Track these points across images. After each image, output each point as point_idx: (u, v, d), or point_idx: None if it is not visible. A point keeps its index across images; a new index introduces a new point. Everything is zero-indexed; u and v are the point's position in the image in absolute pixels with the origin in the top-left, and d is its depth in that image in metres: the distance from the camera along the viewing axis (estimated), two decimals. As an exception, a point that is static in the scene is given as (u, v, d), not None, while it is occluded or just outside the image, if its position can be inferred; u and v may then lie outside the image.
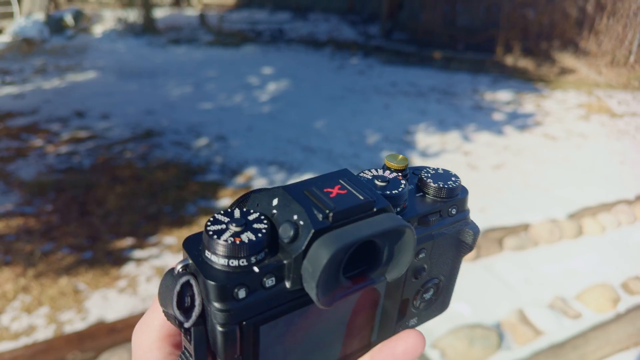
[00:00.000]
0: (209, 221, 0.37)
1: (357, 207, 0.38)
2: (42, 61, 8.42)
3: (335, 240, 0.35)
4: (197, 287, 0.36)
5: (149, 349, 0.44)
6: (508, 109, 6.41)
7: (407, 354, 0.48)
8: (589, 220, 3.67)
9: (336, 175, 0.42)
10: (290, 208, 0.38)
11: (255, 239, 0.36)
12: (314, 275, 0.35)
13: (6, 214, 3.58)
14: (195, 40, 10.47)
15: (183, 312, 0.36)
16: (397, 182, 0.45)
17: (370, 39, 10.67)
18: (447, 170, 0.51)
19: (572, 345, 2.55)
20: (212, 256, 0.36)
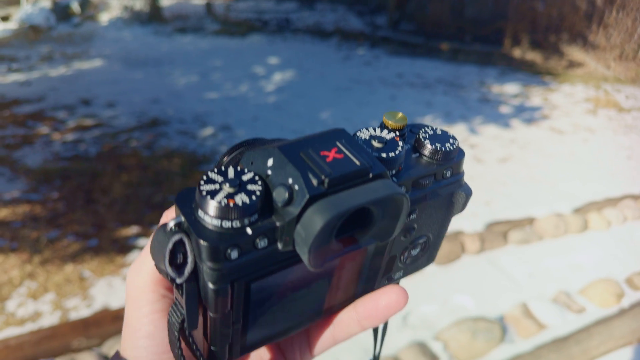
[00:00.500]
0: (202, 180, 0.37)
1: (353, 173, 0.38)
2: (49, 48, 8.42)
3: (330, 208, 0.35)
4: (190, 245, 0.36)
5: (142, 291, 0.44)
6: (515, 102, 6.37)
7: (390, 308, 0.49)
8: (594, 215, 3.66)
9: (333, 136, 0.41)
10: (285, 170, 0.38)
11: (249, 202, 0.36)
12: (306, 240, 0.36)
13: (12, 200, 3.59)
14: (201, 29, 10.44)
15: (175, 268, 0.36)
16: (394, 144, 0.44)
17: (377, 30, 10.61)
18: (445, 132, 0.50)
19: (575, 340, 2.56)
20: (205, 216, 0.36)
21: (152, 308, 0.44)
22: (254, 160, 0.40)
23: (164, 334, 0.44)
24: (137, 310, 0.45)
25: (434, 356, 2.43)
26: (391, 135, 0.45)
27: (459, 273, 3.04)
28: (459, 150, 0.50)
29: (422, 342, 2.49)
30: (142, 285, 0.44)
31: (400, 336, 2.54)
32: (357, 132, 0.45)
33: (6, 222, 3.33)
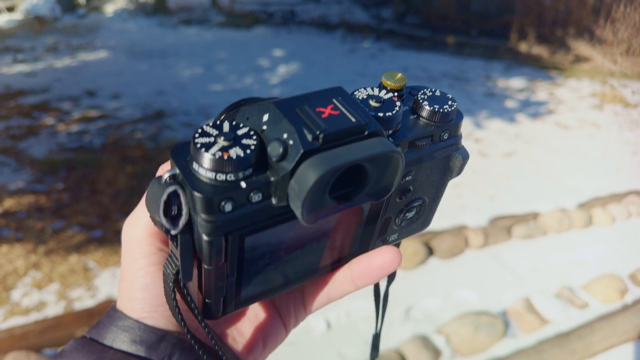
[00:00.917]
0: (197, 133, 0.37)
1: (348, 129, 0.38)
2: (54, 39, 8.42)
3: (324, 163, 0.35)
4: (184, 196, 0.36)
5: (138, 244, 0.45)
6: (521, 96, 6.35)
7: (383, 268, 0.50)
8: (599, 210, 3.65)
9: (330, 93, 0.41)
10: (280, 125, 0.37)
11: (244, 155, 0.36)
12: (300, 195, 0.36)
13: (18, 191, 3.61)
14: (206, 20, 10.42)
15: (170, 219, 0.37)
16: (392, 104, 0.44)
17: (382, 23, 10.56)
18: (444, 93, 0.50)
19: (578, 335, 2.56)
20: (200, 169, 0.36)
21: (148, 261, 0.44)
22: (250, 115, 0.40)
23: (159, 286, 0.44)
24: (132, 263, 0.45)
25: (436, 350, 2.43)
26: (389, 96, 0.45)
27: (463, 267, 3.04)
28: (458, 112, 0.49)
29: (424, 336, 2.50)
30: (137, 237, 0.45)
31: (403, 329, 2.54)
32: (355, 92, 0.45)
33: (11, 212, 3.35)
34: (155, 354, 0.44)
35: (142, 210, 0.45)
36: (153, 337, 0.44)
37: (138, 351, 0.44)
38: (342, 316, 2.61)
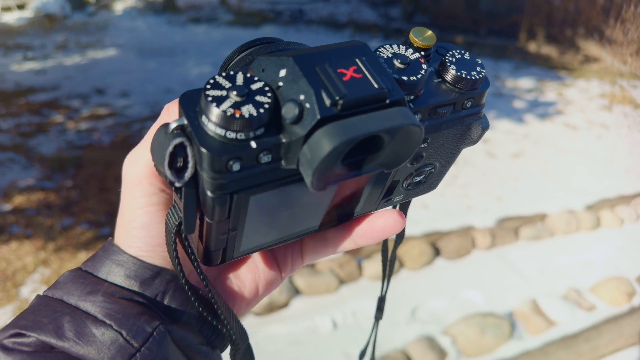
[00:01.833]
0: (209, 84, 0.35)
1: (369, 97, 0.36)
2: (64, 37, 8.48)
3: (340, 133, 0.34)
4: (191, 149, 0.35)
5: (138, 182, 0.44)
6: (529, 96, 6.32)
7: (385, 230, 0.50)
8: (607, 212, 3.63)
9: (353, 51, 0.38)
10: (297, 85, 0.36)
11: (256, 114, 0.34)
12: (311, 162, 0.34)
13: (27, 188, 3.64)
14: (215, 19, 10.44)
15: (175, 171, 0.36)
16: (417, 67, 0.42)
17: (391, 22, 10.54)
18: (474, 57, 0.47)
19: (584, 337, 2.55)
20: (209, 123, 0.35)
21: (148, 200, 0.44)
22: (266, 68, 0.38)
23: (159, 226, 0.44)
24: (132, 201, 0.44)
25: (442, 351, 2.43)
26: (415, 56, 0.42)
27: (469, 268, 3.04)
28: (485, 79, 0.47)
29: (430, 337, 2.50)
30: (138, 176, 0.44)
31: (409, 330, 2.54)
32: (380, 48, 0.43)
33: (21, 209, 3.38)
34: (149, 290, 0.45)
35: (145, 148, 0.43)
36: (148, 273, 0.45)
37: (132, 286, 0.44)
38: (348, 316, 2.62)
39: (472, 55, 0.47)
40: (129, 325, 0.42)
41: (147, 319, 0.43)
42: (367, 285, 2.86)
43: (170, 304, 0.46)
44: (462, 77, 0.44)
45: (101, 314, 0.42)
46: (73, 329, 0.41)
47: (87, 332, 0.41)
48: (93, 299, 0.43)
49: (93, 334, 0.41)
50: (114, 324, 0.42)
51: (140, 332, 0.42)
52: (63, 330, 0.41)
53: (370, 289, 2.82)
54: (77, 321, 0.42)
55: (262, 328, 2.52)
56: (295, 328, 2.54)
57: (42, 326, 0.42)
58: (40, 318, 0.42)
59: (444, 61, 0.46)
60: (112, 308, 0.42)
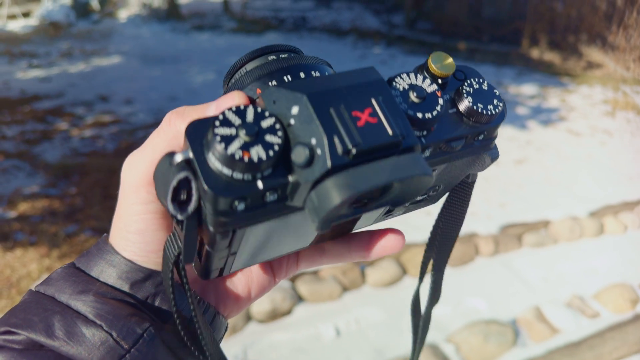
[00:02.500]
0: (219, 120, 0.34)
1: (383, 145, 0.35)
2: (68, 45, 8.53)
3: (350, 186, 0.33)
4: (195, 183, 0.35)
5: (136, 189, 0.43)
6: (532, 103, 6.32)
7: (385, 250, 0.49)
8: (610, 219, 3.62)
9: (370, 89, 0.37)
10: (310, 127, 0.35)
11: (265, 158, 0.34)
12: (319, 211, 0.34)
13: (32, 195, 3.66)
14: (218, 26, 10.50)
15: (177, 204, 0.35)
16: (433, 102, 0.40)
17: (393, 29, 10.57)
18: (492, 88, 0.45)
19: (588, 345, 2.54)
20: (216, 162, 0.34)
21: (145, 208, 0.43)
22: (277, 100, 0.36)
23: (154, 233, 0.44)
24: (129, 207, 0.44)
25: (445, 358, 2.43)
26: (432, 89, 0.41)
27: (473, 275, 3.04)
28: (501, 113, 0.45)
29: (434, 344, 2.50)
30: (136, 182, 0.43)
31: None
32: (396, 78, 0.42)
33: (26, 216, 3.39)
34: (140, 292, 0.45)
35: (145, 153, 0.43)
36: (139, 275, 0.45)
37: (123, 287, 0.44)
38: (351, 323, 2.62)
39: (491, 85, 0.46)
40: (120, 326, 0.42)
41: (137, 320, 0.43)
42: (371, 292, 2.86)
43: (161, 306, 0.46)
44: (478, 111, 0.43)
45: (92, 314, 0.42)
46: (63, 328, 0.42)
47: (77, 332, 0.42)
48: (84, 298, 0.43)
49: (83, 334, 0.41)
50: (104, 325, 0.42)
51: (131, 333, 0.42)
52: (53, 329, 0.41)
53: (374, 297, 2.82)
54: (68, 320, 0.42)
55: (265, 335, 2.52)
56: (298, 335, 2.54)
57: (33, 324, 0.42)
58: (30, 316, 0.42)
59: (460, 90, 0.44)
60: (103, 308, 0.43)
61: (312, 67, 0.44)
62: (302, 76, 0.42)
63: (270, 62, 0.43)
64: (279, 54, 0.45)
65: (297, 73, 0.42)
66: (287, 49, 0.46)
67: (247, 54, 0.45)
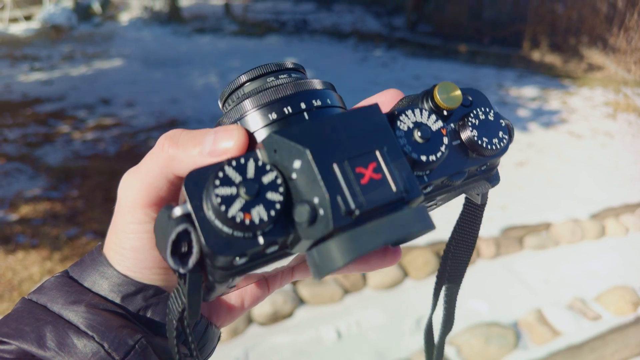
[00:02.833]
0: (218, 178, 0.33)
1: (387, 204, 0.35)
2: (70, 48, 8.55)
3: (353, 249, 0.33)
4: (195, 235, 0.34)
5: (132, 208, 0.43)
6: (533, 105, 6.33)
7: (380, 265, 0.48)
8: (611, 221, 3.62)
9: (373, 140, 0.37)
10: (313, 185, 0.34)
11: (267, 218, 0.33)
12: (320, 269, 0.34)
13: (33, 198, 3.67)
14: (219, 29, 10.52)
15: (178, 257, 0.35)
16: (438, 142, 0.40)
17: (394, 31, 10.59)
18: (498, 117, 0.44)
19: (590, 347, 2.54)
20: (216, 220, 0.33)
21: (141, 228, 0.43)
22: (279, 149, 0.36)
23: (150, 252, 0.44)
24: (125, 225, 0.44)
25: (446, 361, 2.43)
26: (437, 126, 0.40)
27: (474, 278, 3.03)
28: (506, 146, 0.44)
29: (435, 346, 2.49)
30: (133, 202, 0.42)
31: (414, 340, 2.54)
32: (401, 116, 0.40)
33: (27, 219, 3.40)
34: (131, 305, 0.45)
35: (139, 175, 0.42)
36: (131, 289, 0.45)
37: (115, 299, 0.44)
38: (352, 326, 2.62)
39: (498, 114, 0.44)
40: (111, 337, 0.42)
41: (129, 331, 0.43)
42: (372, 295, 2.86)
43: (153, 318, 0.46)
44: (482, 146, 0.42)
45: (84, 325, 0.42)
46: (55, 339, 0.42)
47: (69, 343, 0.41)
48: (76, 308, 0.43)
49: (75, 345, 0.41)
50: (96, 336, 0.42)
51: (122, 345, 0.42)
52: (45, 340, 0.41)
53: (375, 299, 2.82)
54: (59, 331, 0.42)
55: (267, 338, 2.52)
56: (300, 338, 2.54)
57: (24, 334, 0.42)
58: (22, 326, 0.42)
59: (465, 122, 0.43)
60: (95, 319, 0.43)
61: (313, 95, 0.42)
62: (302, 107, 0.41)
63: (269, 88, 0.41)
64: (279, 74, 0.44)
65: (297, 104, 0.41)
66: (288, 68, 0.45)
67: (246, 73, 0.44)
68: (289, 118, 0.40)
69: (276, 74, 0.44)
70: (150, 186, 0.42)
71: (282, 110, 0.40)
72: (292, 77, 0.44)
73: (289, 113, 0.40)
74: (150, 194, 0.42)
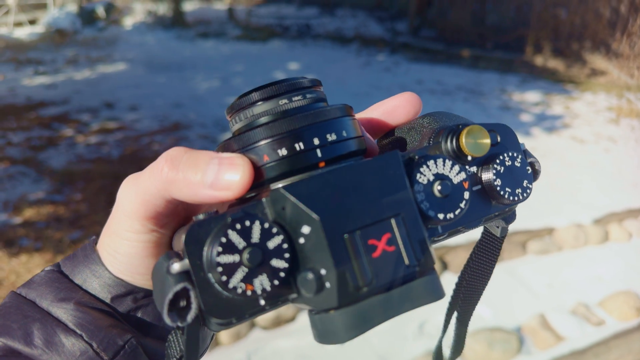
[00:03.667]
0: (221, 244, 0.32)
1: (398, 278, 0.33)
2: (74, 52, 8.59)
3: (357, 326, 0.32)
4: (194, 292, 0.33)
5: (129, 219, 0.42)
6: (536, 110, 6.32)
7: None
8: (615, 226, 3.61)
9: (390, 206, 0.35)
10: (321, 255, 0.33)
11: (270, 288, 0.32)
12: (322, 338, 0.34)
13: (37, 201, 3.68)
14: (223, 34, 10.55)
15: (176, 312, 0.34)
16: (458, 198, 0.37)
17: (397, 36, 10.60)
18: (525, 163, 0.42)
19: (593, 353, 2.53)
20: (216, 285, 0.32)
21: (136, 237, 0.42)
22: (287, 208, 0.34)
23: (143, 259, 0.43)
24: (121, 231, 0.43)
25: (449, 365, 2.42)
26: (460, 178, 0.38)
27: (476, 282, 3.02)
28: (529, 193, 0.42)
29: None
30: (132, 211, 0.41)
31: (416, 345, 2.53)
32: (423, 167, 0.37)
33: (31, 222, 3.41)
34: (121, 306, 0.45)
35: (139, 188, 0.41)
36: (121, 290, 0.44)
37: (105, 298, 0.44)
38: (355, 330, 2.61)
39: (525, 160, 0.42)
40: (100, 337, 0.42)
41: (118, 332, 0.43)
42: (374, 299, 2.85)
43: (143, 318, 0.45)
44: (505, 196, 0.40)
45: (72, 323, 0.42)
46: (42, 337, 0.41)
47: (57, 341, 0.41)
48: (66, 306, 0.42)
49: (62, 344, 0.41)
50: (84, 335, 0.41)
51: (112, 344, 0.42)
52: (32, 338, 0.41)
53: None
54: (47, 329, 0.41)
55: (269, 342, 2.52)
56: (302, 342, 2.53)
57: (11, 331, 0.41)
58: (10, 322, 0.42)
59: (490, 167, 0.41)
60: (84, 318, 0.42)
61: (327, 128, 0.39)
62: (316, 143, 0.37)
63: (280, 119, 0.38)
64: (292, 96, 0.40)
65: (310, 140, 0.37)
66: (301, 87, 0.41)
67: (258, 90, 0.40)
68: (299, 155, 0.37)
69: (289, 95, 0.40)
70: (147, 203, 0.40)
71: (292, 146, 0.37)
72: (306, 98, 0.41)
73: (300, 150, 0.37)
74: (148, 209, 0.41)
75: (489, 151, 0.40)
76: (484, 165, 0.41)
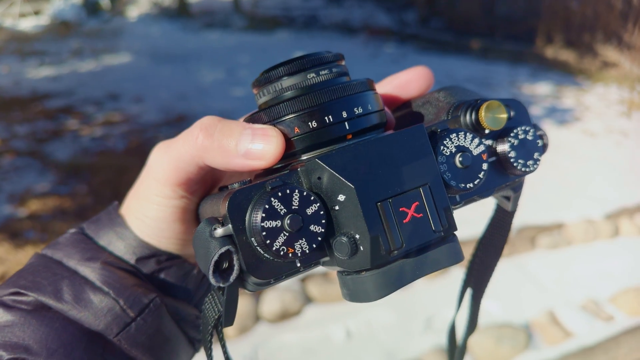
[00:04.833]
0: (264, 210, 0.34)
1: (425, 243, 0.37)
2: (79, 44, 8.57)
3: (387, 286, 0.35)
4: (237, 255, 0.35)
5: (162, 183, 0.44)
6: (547, 102, 6.25)
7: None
8: (626, 221, 3.56)
9: (418, 176, 0.38)
10: (355, 221, 0.35)
11: (309, 250, 0.35)
12: (352, 296, 0.36)
13: (43, 193, 3.67)
14: (228, 25, 10.50)
15: (220, 273, 0.36)
16: (477, 169, 0.41)
17: (405, 27, 10.51)
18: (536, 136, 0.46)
19: (603, 349, 2.50)
20: (259, 248, 0.35)
21: (167, 202, 0.44)
22: (323, 177, 0.37)
23: (172, 224, 0.45)
24: (151, 196, 0.45)
25: (457, 362, 2.39)
26: (479, 150, 0.41)
27: (485, 277, 2.99)
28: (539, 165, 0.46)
29: (445, 347, 2.46)
30: (163, 177, 0.44)
31: (424, 340, 2.51)
32: (446, 139, 0.41)
33: (37, 214, 3.40)
34: (145, 267, 0.47)
35: (172, 155, 0.43)
36: (145, 252, 0.46)
37: (130, 260, 0.46)
38: (362, 325, 2.59)
39: (536, 134, 0.46)
40: (127, 295, 0.43)
41: (144, 291, 0.45)
42: (381, 293, 2.83)
43: (166, 279, 0.47)
44: (517, 167, 0.44)
45: (99, 281, 0.44)
46: (71, 293, 0.43)
47: (85, 297, 0.43)
48: (93, 265, 0.44)
49: (90, 300, 0.43)
50: (112, 292, 0.43)
51: (137, 302, 0.44)
52: (62, 293, 0.43)
53: (385, 299, 2.78)
54: (76, 286, 0.43)
55: (275, 336, 2.50)
56: (309, 336, 2.52)
57: (41, 287, 0.43)
58: (39, 279, 0.43)
59: (505, 140, 0.44)
60: (111, 277, 0.44)
61: (355, 102, 0.41)
62: (344, 116, 0.40)
63: (309, 93, 0.40)
64: (320, 70, 0.43)
65: (339, 112, 0.40)
66: (327, 61, 0.44)
67: (285, 65, 0.43)
68: (329, 127, 0.40)
69: (317, 69, 0.43)
70: (180, 169, 0.43)
71: (323, 119, 0.40)
72: (333, 72, 0.43)
73: (330, 122, 0.40)
74: (180, 176, 0.43)
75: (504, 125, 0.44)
76: (499, 138, 0.45)
